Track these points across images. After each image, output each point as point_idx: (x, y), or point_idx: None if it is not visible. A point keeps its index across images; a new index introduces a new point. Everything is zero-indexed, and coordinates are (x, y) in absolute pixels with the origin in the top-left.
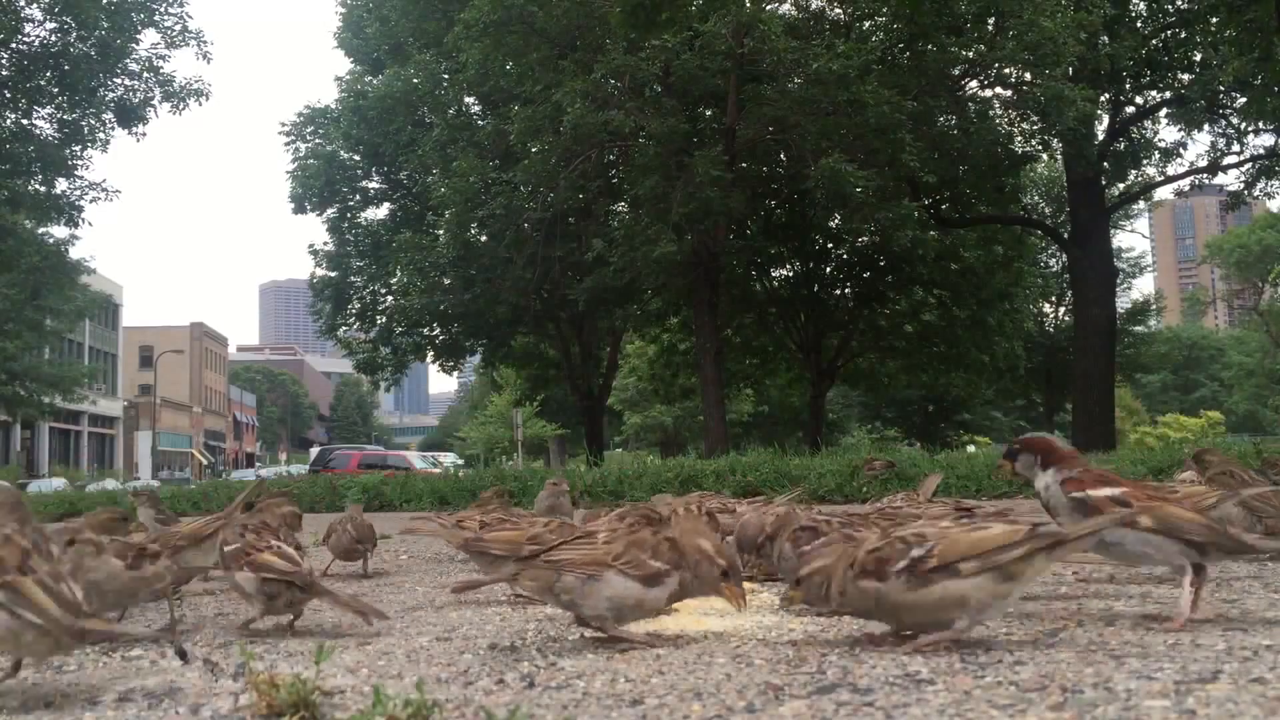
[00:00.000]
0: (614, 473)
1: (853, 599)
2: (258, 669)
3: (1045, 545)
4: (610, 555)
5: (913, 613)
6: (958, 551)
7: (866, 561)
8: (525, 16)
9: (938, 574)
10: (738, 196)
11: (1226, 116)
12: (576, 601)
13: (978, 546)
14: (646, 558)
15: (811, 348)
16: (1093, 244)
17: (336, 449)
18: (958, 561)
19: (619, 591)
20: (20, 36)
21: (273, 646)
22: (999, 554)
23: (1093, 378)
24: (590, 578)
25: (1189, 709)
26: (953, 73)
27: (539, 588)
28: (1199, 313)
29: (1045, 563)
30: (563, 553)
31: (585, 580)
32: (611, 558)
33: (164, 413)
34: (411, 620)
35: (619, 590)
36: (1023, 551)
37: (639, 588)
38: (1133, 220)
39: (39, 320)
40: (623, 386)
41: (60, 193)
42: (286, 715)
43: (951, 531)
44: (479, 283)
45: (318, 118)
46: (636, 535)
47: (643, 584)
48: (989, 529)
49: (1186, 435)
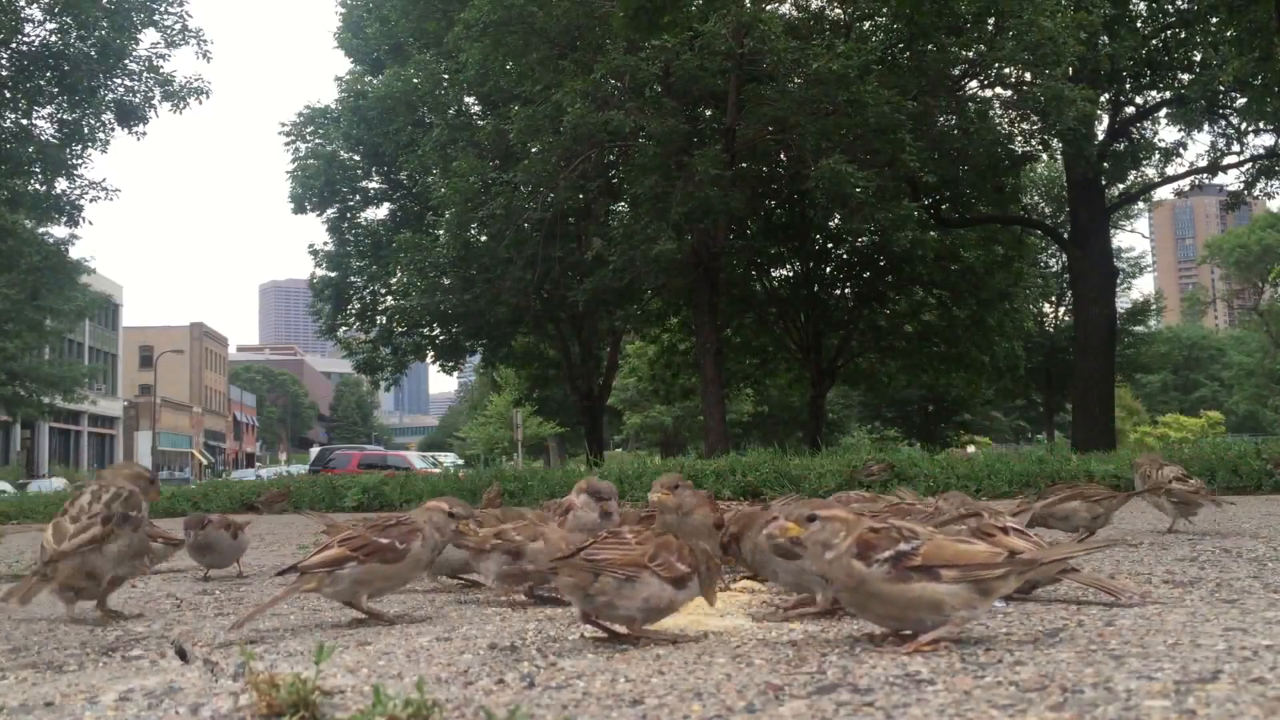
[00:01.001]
0: (614, 473)
1: (835, 573)
2: (258, 669)
3: (1019, 568)
4: (645, 557)
5: (885, 605)
6: (942, 558)
7: (863, 538)
8: (525, 16)
9: (918, 573)
10: (738, 196)
11: (1226, 116)
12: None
13: (961, 558)
14: (674, 560)
15: (811, 348)
16: (1093, 244)
17: (336, 449)
18: (940, 567)
19: (654, 593)
20: (20, 36)
21: (273, 646)
22: (979, 570)
23: (1093, 378)
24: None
25: (1189, 709)
26: (953, 73)
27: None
28: (1199, 313)
29: (1016, 581)
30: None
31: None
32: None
33: (164, 413)
34: (411, 620)
35: (654, 591)
36: (1000, 573)
37: (671, 590)
38: (1133, 220)
39: (39, 320)
40: (623, 386)
41: (60, 192)
42: (286, 715)
43: (939, 537)
44: (479, 283)
45: (318, 118)
46: (664, 538)
47: (674, 586)
48: (975, 545)
49: (1186, 435)
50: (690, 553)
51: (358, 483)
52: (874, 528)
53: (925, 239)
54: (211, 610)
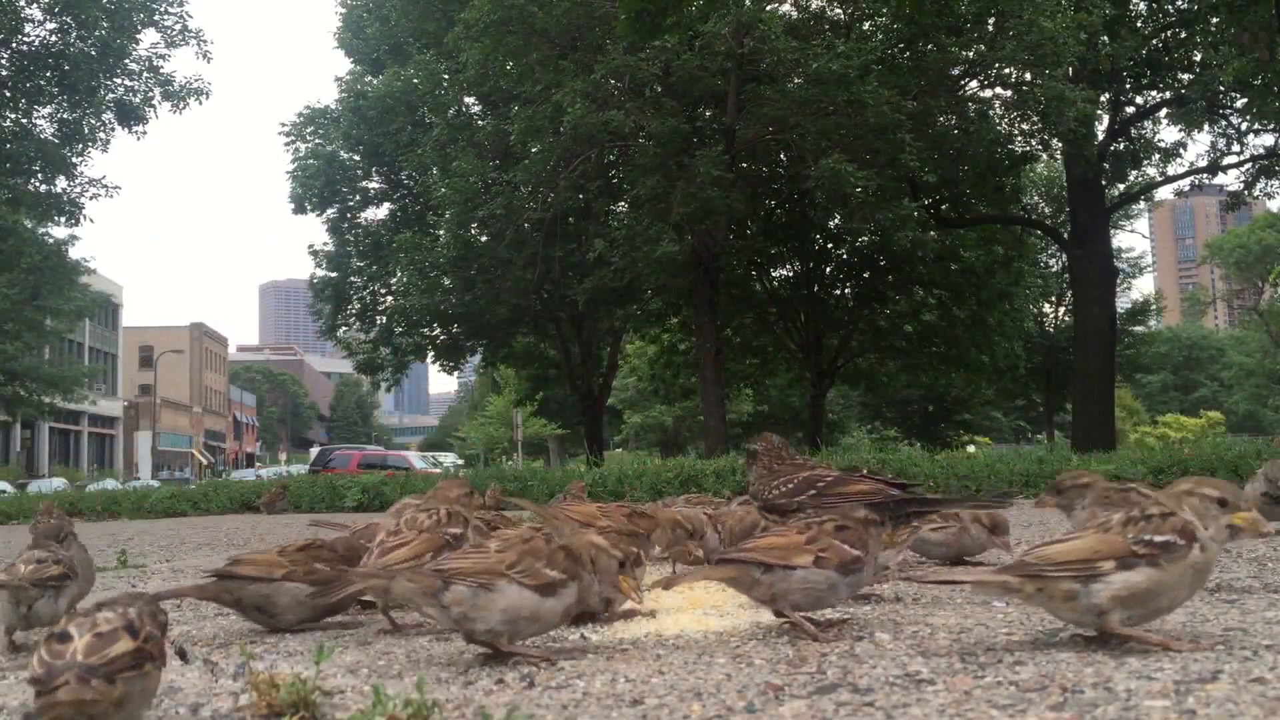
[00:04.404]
0: (614, 473)
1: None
2: (258, 669)
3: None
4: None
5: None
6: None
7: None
8: (525, 16)
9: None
10: (738, 196)
11: (1226, 116)
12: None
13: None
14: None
15: (811, 348)
16: (1093, 244)
17: (336, 449)
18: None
19: (514, 602)
20: (20, 36)
21: (273, 646)
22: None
23: (1093, 378)
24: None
25: (1189, 709)
26: (953, 73)
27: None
28: (1199, 313)
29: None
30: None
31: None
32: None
33: (164, 413)
34: (411, 620)
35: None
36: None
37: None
38: (1133, 220)
39: (39, 320)
40: (623, 386)
41: (60, 191)
42: (286, 715)
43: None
44: (479, 283)
45: (318, 118)
46: (531, 544)
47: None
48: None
49: (1187, 435)
50: (569, 557)
51: (358, 483)
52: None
53: (925, 239)
54: (212, 610)
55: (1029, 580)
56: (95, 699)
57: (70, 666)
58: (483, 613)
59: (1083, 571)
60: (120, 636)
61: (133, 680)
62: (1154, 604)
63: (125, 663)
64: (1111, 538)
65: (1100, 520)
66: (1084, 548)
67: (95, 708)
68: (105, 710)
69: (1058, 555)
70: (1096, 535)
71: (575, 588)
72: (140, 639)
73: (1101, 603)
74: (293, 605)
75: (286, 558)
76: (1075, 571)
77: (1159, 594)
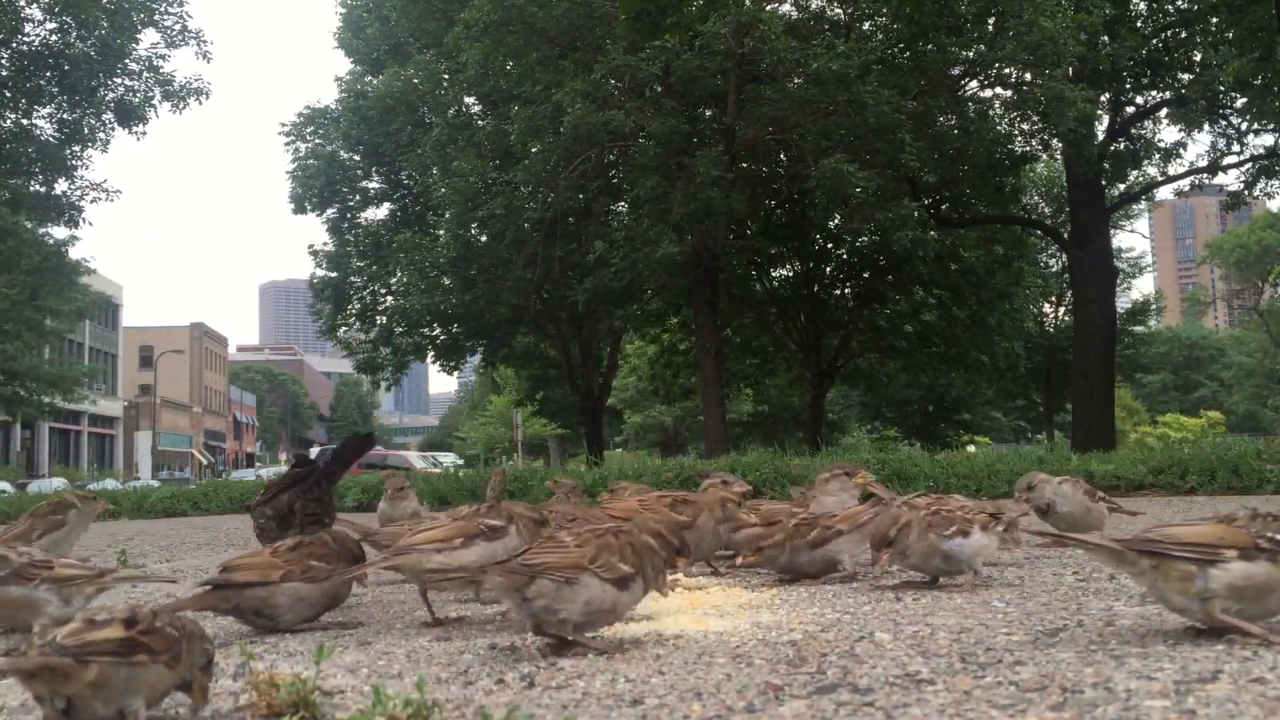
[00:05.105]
0: (614, 473)
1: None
2: (258, 669)
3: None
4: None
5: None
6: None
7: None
8: (525, 16)
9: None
10: (738, 197)
11: (1226, 116)
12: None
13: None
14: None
15: (811, 348)
16: (1093, 244)
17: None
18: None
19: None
20: (20, 36)
21: (273, 647)
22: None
23: (1093, 378)
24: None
25: (1189, 709)
26: (953, 73)
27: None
28: (1199, 313)
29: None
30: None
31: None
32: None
33: (164, 413)
34: (411, 620)
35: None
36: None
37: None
38: (1133, 220)
39: (39, 320)
40: (623, 386)
41: (60, 193)
42: (286, 715)
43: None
44: (479, 283)
45: (318, 118)
46: (605, 538)
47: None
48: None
49: (1186, 435)
50: (634, 551)
51: (358, 483)
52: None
53: (925, 239)
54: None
55: (1145, 556)
56: (66, 675)
57: (48, 644)
58: (566, 605)
59: (1205, 555)
60: (112, 624)
61: (114, 667)
62: (1264, 601)
63: (107, 648)
64: (1236, 529)
65: (1225, 513)
66: (1209, 533)
67: (67, 685)
68: (80, 690)
69: (1184, 536)
70: (1221, 525)
71: (641, 582)
72: (136, 630)
73: (1217, 589)
74: (292, 606)
75: (280, 558)
76: (1198, 555)
77: (1272, 590)
